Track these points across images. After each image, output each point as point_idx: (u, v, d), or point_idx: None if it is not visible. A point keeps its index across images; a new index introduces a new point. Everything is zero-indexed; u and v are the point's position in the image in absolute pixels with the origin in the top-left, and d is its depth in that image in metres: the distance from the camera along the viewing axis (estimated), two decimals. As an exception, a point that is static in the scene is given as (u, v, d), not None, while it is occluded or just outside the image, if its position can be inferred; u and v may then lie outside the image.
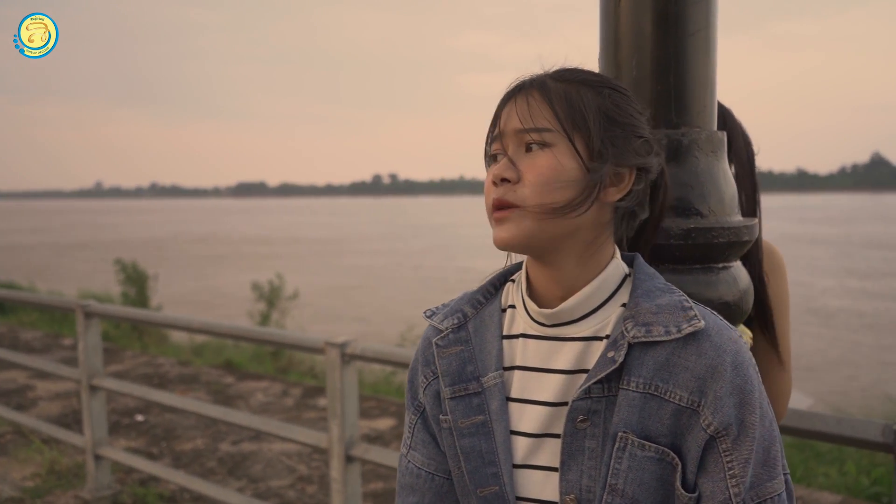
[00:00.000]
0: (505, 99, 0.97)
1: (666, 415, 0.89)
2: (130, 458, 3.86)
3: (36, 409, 5.85)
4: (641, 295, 0.93)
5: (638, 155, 0.96)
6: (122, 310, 4.17)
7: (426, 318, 1.08)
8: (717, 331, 0.91)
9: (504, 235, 0.92)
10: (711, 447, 0.88)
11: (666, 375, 0.89)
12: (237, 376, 7.02)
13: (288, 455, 4.74)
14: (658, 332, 0.89)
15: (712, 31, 1.24)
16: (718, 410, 0.87)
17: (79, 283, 16.43)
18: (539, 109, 0.92)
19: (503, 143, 0.95)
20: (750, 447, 0.87)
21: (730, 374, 0.88)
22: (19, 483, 4.29)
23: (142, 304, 13.47)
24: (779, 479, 0.88)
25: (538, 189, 0.90)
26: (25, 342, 8.57)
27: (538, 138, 0.91)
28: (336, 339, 2.83)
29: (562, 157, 0.91)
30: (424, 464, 1.04)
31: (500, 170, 0.92)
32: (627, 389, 0.89)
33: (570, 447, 0.92)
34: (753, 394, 0.88)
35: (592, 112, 0.93)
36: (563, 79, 0.95)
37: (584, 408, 0.91)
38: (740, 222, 1.21)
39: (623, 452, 0.89)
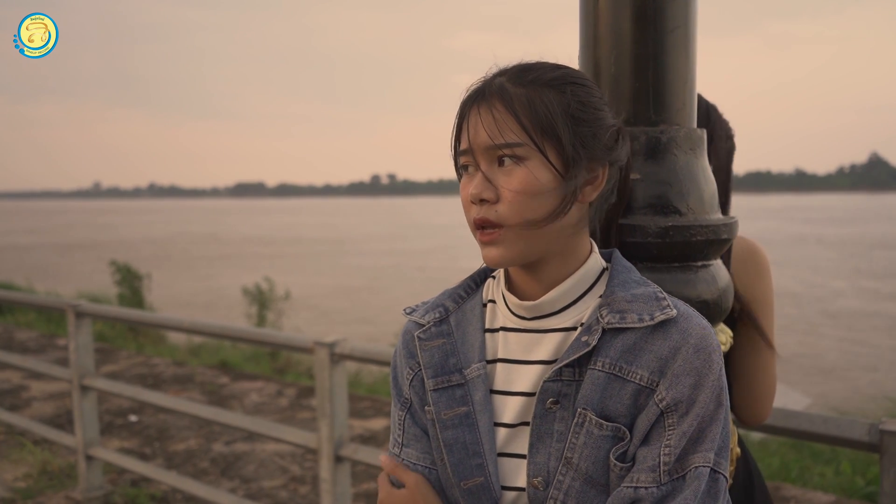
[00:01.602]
0: (467, 106, 0.95)
1: (626, 395, 0.91)
2: (122, 458, 3.85)
3: (30, 409, 5.83)
4: (617, 285, 0.96)
5: (609, 149, 0.96)
6: (113, 310, 4.16)
7: (406, 314, 1.08)
8: (686, 317, 0.93)
9: (494, 256, 0.93)
10: (659, 422, 0.89)
11: (631, 357, 0.91)
12: (232, 376, 7.01)
13: (281, 455, 4.73)
14: (632, 319, 0.91)
15: (691, 28, 1.23)
16: (673, 387, 0.89)
17: (77, 284, 16.40)
18: (505, 123, 0.90)
19: (474, 158, 0.94)
20: (691, 423, 0.88)
21: (691, 355, 0.90)
22: (11, 484, 4.28)
23: (137, 305, 13.46)
24: (704, 456, 0.88)
25: (518, 207, 0.91)
26: (21, 342, 8.55)
27: (510, 153, 0.91)
28: (325, 339, 2.82)
29: (536, 171, 0.91)
30: (420, 458, 1.03)
31: (478, 189, 0.92)
32: (594, 369, 0.91)
33: (539, 430, 0.94)
34: (710, 376, 0.89)
35: (559, 117, 0.92)
36: (523, 82, 0.93)
37: (555, 390, 0.93)
38: (719, 220, 1.20)
39: (581, 428, 0.91)
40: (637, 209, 1.17)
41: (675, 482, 0.88)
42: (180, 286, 20.69)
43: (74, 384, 3.87)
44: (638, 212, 1.17)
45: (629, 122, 1.21)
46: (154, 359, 7.79)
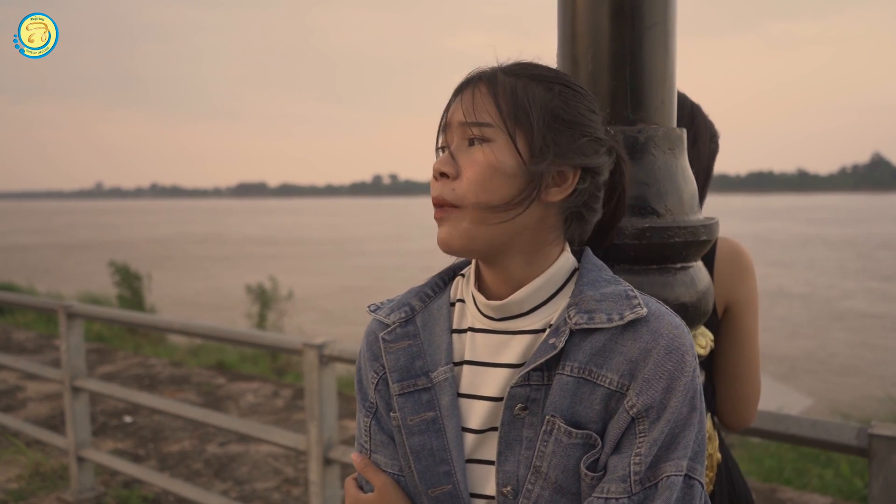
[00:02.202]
0: (458, 89, 0.95)
1: (596, 400, 0.88)
2: (113, 460, 3.83)
3: (25, 410, 5.82)
4: (586, 284, 0.93)
5: (583, 154, 0.93)
6: (104, 311, 4.14)
7: (370, 312, 1.05)
8: (657, 317, 0.89)
9: (444, 236, 0.92)
10: (630, 429, 0.86)
11: (601, 360, 0.88)
12: (228, 377, 6.99)
13: (275, 457, 4.70)
14: (600, 319, 0.88)
15: (671, 24, 1.20)
16: (644, 392, 0.86)
17: (79, 285, 16.39)
18: (483, 104, 0.91)
19: (449, 135, 0.94)
20: (662, 429, 0.85)
21: (662, 356, 0.86)
22: (3, 485, 4.26)
23: (137, 305, 13.45)
24: (677, 464, 0.85)
25: (474, 186, 0.89)
26: (18, 343, 8.54)
27: (478, 133, 0.90)
28: (314, 341, 2.80)
29: (500, 154, 0.89)
30: (388, 465, 1.00)
31: (440, 164, 0.92)
32: (562, 374, 0.88)
33: (508, 437, 0.91)
34: (682, 379, 0.86)
35: (537, 108, 0.91)
36: (514, 73, 0.94)
37: (523, 395, 0.90)
38: (699, 221, 1.18)
39: (549, 436, 0.88)
40: (614, 210, 1.15)
41: (646, 491, 0.85)
42: (183, 286, 20.67)
43: (66, 385, 3.86)
44: (615, 213, 1.15)
45: (606, 121, 1.18)
46: (151, 359, 7.77)
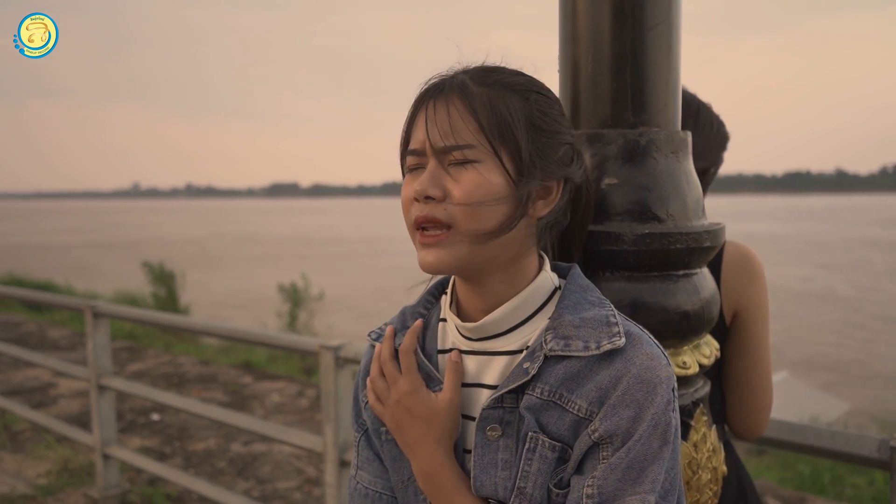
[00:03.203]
0: (422, 100, 0.89)
1: (565, 424, 0.85)
2: (137, 457, 3.88)
3: (56, 406, 5.94)
4: (567, 307, 0.89)
5: (565, 165, 0.91)
6: (129, 310, 4.19)
7: (372, 340, 1.04)
8: (635, 345, 0.86)
9: (433, 260, 0.86)
10: (593, 453, 0.83)
11: (572, 386, 0.85)
12: (255, 377, 7.06)
13: (297, 457, 4.73)
14: (577, 346, 0.85)
15: (674, 24, 1.17)
16: (607, 418, 0.82)
17: (116, 283, 16.71)
18: (462, 121, 0.85)
19: (423, 157, 0.88)
20: (622, 457, 0.81)
21: (632, 385, 0.83)
22: (33, 480, 4.35)
23: (171, 304, 13.68)
24: (643, 499, 0.81)
25: (467, 208, 0.84)
26: (52, 340, 8.74)
27: (460, 156, 0.85)
28: (330, 343, 2.80)
29: (489, 175, 0.85)
30: (372, 483, 1.00)
31: (423, 186, 0.86)
32: (531, 395, 0.86)
33: (482, 460, 0.88)
34: (651, 409, 0.82)
35: (520, 122, 0.87)
36: (485, 82, 0.88)
37: (496, 417, 0.88)
38: (702, 227, 1.14)
39: (533, 454, 0.85)
40: (613, 215, 1.12)
41: None
42: (218, 285, 20.95)
43: (92, 384, 3.92)
44: (614, 218, 1.12)
45: (607, 124, 1.15)
46: (180, 357, 7.88)
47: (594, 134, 1.14)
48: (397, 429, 0.94)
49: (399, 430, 0.94)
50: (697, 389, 1.18)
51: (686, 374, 1.14)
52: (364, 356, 1.07)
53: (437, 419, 0.90)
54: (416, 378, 0.93)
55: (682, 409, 1.15)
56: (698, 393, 1.17)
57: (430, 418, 0.90)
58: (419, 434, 0.91)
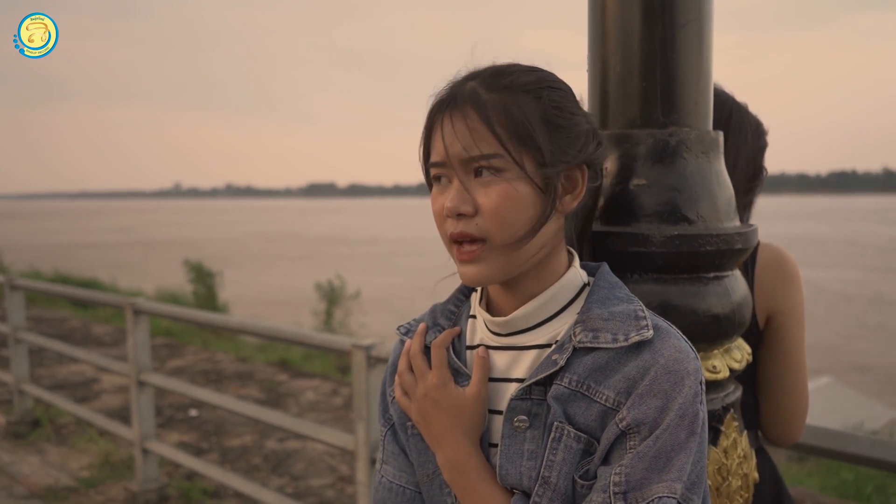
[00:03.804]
0: (437, 114, 0.90)
1: (592, 415, 0.86)
2: (174, 452, 3.96)
3: (98, 401, 6.09)
4: (595, 302, 0.90)
5: (585, 152, 0.91)
6: (167, 308, 4.28)
7: (401, 334, 1.05)
8: (663, 337, 0.86)
9: (473, 274, 0.89)
10: (620, 442, 0.84)
11: (600, 377, 0.86)
12: (291, 374, 7.14)
13: (331, 455, 4.77)
14: (605, 338, 0.86)
15: (706, 22, 1.15)
16: (635, 407, 0.83)
17: (158, 280, 17.05)
18: (480, 133, 0.86)
19: (447, 169, 0.89)
20: (650, 445, 0.82)
21: (660, 376, 0.83)
22: (75, 472, 4.47)
23: (210, 302, 13.92)
24: (670, 486, 0.81)
25: (498, 221, 0.86)
26: (96, 336, 8.96)
27: (486, 164, 0.86)
28: (362, 342, 2.82)
29: (515, 183, 0.86)
30: (396, 477, 1.02)
31: (454, 203, 0.87)
32: (559, 385, 0.87)
33: (508, 450, 0.89)
34: (678, 400, 0.82)
35: (536, 124, 0.87)
36: (496, 87, 0.88)
37: (524, 408, 0.89)
38: (734, 229, 1.12)
39: (558, 444, 0.86)
40: (642, 217, 1.10)
41: None
42: (257, 284, 21.24)
43: (132, 379, 4.01)
44: (643, 219, 1.10)
45: (636, 124, 1.14)
46: (218, 354, 8.01)
47: (623, 134, 1.13)
48: (424, 422, 0.95)
49: (426, 424, 0.95)
50: (728, 394, 1.16)
51: (716, 378, 1.12)
52: (392, 352, 1.08)
53: (464, 412, 0.92)
54: (446, 372, 0.94)
55: (712, 413, 1.13)
56: (729, 398, 1.15)
57: (458, 411, 0.92)
58: (446, 427, 0.92)
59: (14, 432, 5.17)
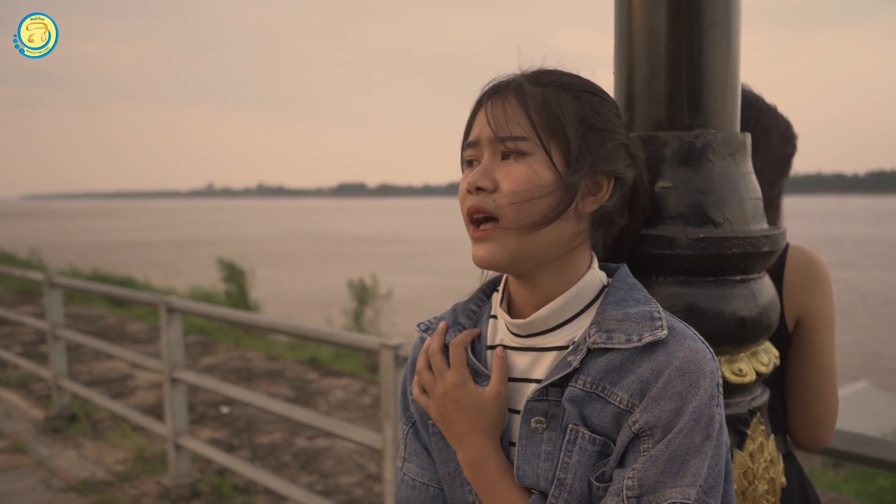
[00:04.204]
0: (480, 101, 0.94)
1: (607, 417, 0.86)
2: (206, 448, 4.02)
3: (133, 397, 6.21)
4: (611, 303, 0.91)
5: (615, 162, 0.92)
6: (199, 306, 4.35)
7: (421, 331, 1.06)
8: (678, 338, 0.86)
9: (483, 255, 0.90)
10: (634, 445, 0.84)
11: (615, 378, 0.86)
12: (320, 373, 7.21)
13: (359, 453, 4.81)
14: (619, 339, 0.86)
15: (734, 23, 1.14)
16: (648, 410, 0.83)
17: (191, 279, 17.32)
18: (514, 116, 0.89)
19: (479, 150, 0.93)
20: (663, 449, 0.81)
21: (674, 378, 0.83)
22: (111, 467, 4.57)
23: (242, 300, 14.11)
24: (684, 492, 0.80)
25: (514, 200, 0.87)
26: (131, 334, 9.14)
27: (513, 147, 0.89)
28: (390, 341, 2.85)
29: (538, 167, 0.88)
30: (419, 475, 1.03)
31: (475, 178, 0.90)
32: (574, 387, 0.87)
33: (526, 451, 0.90)
34: (693, 402, 0.82)
35: (571, 119, 0.90)
36: (540, 82, 0.92)
37: (541, 409, 0.89)
38: (760, 231, 1.11)
39: (573, 446, 0.86)
40: (667, 219, 1.10)
41: None
42: (289, 283, 21.46)
43: (165, 376, 4.09)
44: (668, 222, 1.10)
45: (662, 126, 1.14)
46: (250, 352, 8.12)
47: (648, 136, 1.13)
48: (443, 420, 0.96)
49: (445, 422, 0.96)
50: (755, 398, 1.15)
51: (742, 381, 1.11)
52: (413, 349, 1.09)
53: (484, 411, 0.92)
54: (465, 371, 0.95)
55: (738, 417, 1.12)
56: (755, 401, 1.14)
57: (478, 410, 0.92)
58: (466, 426, 0.93)
59: (52, 427, 5.30)
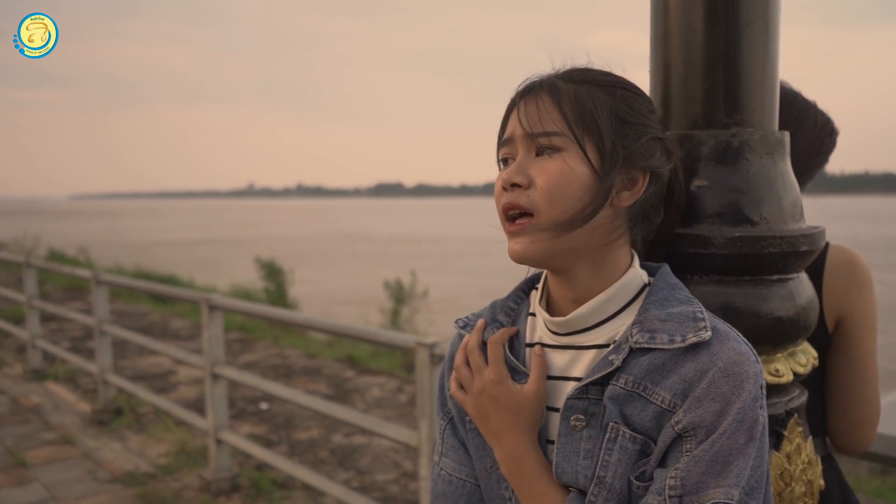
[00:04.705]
0: (514, 100, 0.95)
1: (648, 416, 0.86)
2: (246, 443, 4.10)
3: (176, 392, 6.35)
4: (654, 303, 0.91)
5: (651, 156, 0.93)
6: (240, 304, 4.44)
7: (459, 328, 1.07)
8: (722, 340, 0.86)
9: (519, 249, 0.91)
10: (676, 445, 0.84)
11: (657, 378, 0.86)
12: (357, 371, 7.28)
13: (395, 451, 4.85)
14: (661, 339, 0.86)
15: (772, 20, 1.13)
16: (692, 410, 0.83)
17: (232, 277, 17.60)
18: (548, 112, 0.90)
19: (513, 147, 0.94)
20: (706, 449, 0.81)
21: (718, 378, 0.83)
22: (154, 459, 4.68)
23: (280, 299, 14.31)
24: (727, 492, 0.80)
25: (549, 195, 0.88)
26: (174, 330, 9.34)
27: (547, 143, 0.89)
28: (426, 340, 2.87)
29: (572, 163, 0.89)
30: (455, 470, 1.04)
31: (510, 175, 0.91)
32: (615, 385, 0.87)
33: (565, 449, 0.90)
34: (737, 404, 0.82)
35: (604, 113, 0.90)
36: (573, 79, 0.93)
37: (581, 407, 0.90)
38: (798, 231, 1.10)
39: (613, 444, 0.87)
40: (703, 218, 1.10)
41: None
42: (328, 282, 21.65)
43: (207, 372, 4.18)
44: (704, 221, 1.10)
45: (698, 125, 1.13)
46: (288, 350, 8.23)
47: (684, 135, 1.12)
48: (481, 417, 0.97)
49: (483, 419, 0.96)
50: (792, 399, 1.13)
51: (779, 382, 1.10)
52: (450, 346, 1.10)
53: (522, 409, 0.93)
54: (503, 368, 0.96)
55: (775, 418, 1.11)
56: (793, 402, 1.13)
57: (516, 408, 0.93)
58: (504, 423, 0.93)
59: (98, 420, 5.46)
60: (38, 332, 7.02)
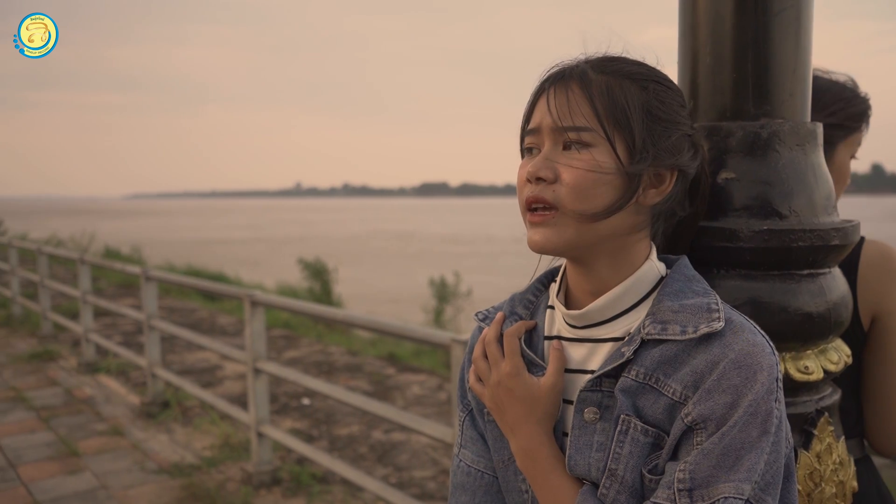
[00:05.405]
0: (542, 87, 0.92)
1: (660, 408, 0.85)
2: (287, 438, 4.16)
3: (221, 386, 6.49)
4: (668, 294, 0.90)
5: (680, 154, 0.91)
6: (281, 300, 4.51)
7: (479, 321, 1.07)
8: (735, 331, 0.84)
9: (539, 239, 0.90)
10: (687, 438, 0.82)
11: (669, 370, 0.85)
12: (398, 368, 7.32)
13: (433, 447, 4.86)
14: (674, 330, 0.85)
15: (804, 8, 1.10)
16: (701, 402, 0.81)
17: (279, 276, 17.90)
18: (578, 105, 0.88)
19: (539, 138, 0.92)
20: (716, 442, 0.79)
21: (729, 370, 0.81)
22: (199, 452, 4.79)
23: (325, 297, 14.50)
24: (738, 487, 0.78)
25: (575, 191, 0.87)
26: (221, 326, 9.54)
27: (576, 137, 0.87)
28: (461, 336, 2.87)
29: (601, 159, 0.87)
30: (475, 461, 1.04)
31: (536, 167, 0.89)
32: (627, 377, 0.86)
33: (578, 441, 0.90)
34: (749, 396, 0.80)
35: (636, 110, 0.88)
36: (605, 70, 0.90)
37: (594, 400, 0.89)
38: (830, 224, 1.07)
39: (625, 436, 0.86)
40: (730, 211, 1.08)
41: None
42: (373, 281, 21.84)
43: (249, 367, 4.25)
44: (731, 214, 1.08)
45: (726, 116, 1.11)
46: (331, 347, 8.33)
47: (712, 126, 1.11)
48: (497, 409, 0.97)
49: (499, 411, 0.96)
50: (823, 397, 1.10)
51: (809, 379, 1.07)
52: (470, 338, 1.10)
53: (538, 402, 0.93)
54: (519, 361, 0.95)
55: (805, 416, 1.08)
56: (824, 401, 1.10)
57: (532, 401, 0.93)
58: (520, 415, 0.93)
59: (147, 412, 5.61)
60: (91, 327, 7.25)
